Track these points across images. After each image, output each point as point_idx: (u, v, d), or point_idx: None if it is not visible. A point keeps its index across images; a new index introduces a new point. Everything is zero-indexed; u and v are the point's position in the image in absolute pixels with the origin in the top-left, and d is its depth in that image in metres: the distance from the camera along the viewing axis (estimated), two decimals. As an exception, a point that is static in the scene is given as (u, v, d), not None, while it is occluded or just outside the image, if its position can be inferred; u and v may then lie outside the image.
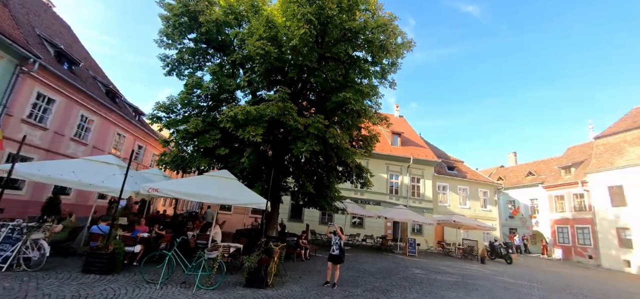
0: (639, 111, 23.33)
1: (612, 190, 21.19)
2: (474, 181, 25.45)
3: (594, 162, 23.11)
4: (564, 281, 13.44)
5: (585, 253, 22.65)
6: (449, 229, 23.00)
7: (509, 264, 18.01)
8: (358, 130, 10.20)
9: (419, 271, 12.08)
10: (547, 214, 26.62)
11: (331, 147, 8.98)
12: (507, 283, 11.32)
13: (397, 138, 25.53)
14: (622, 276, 17.59)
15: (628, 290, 12.62)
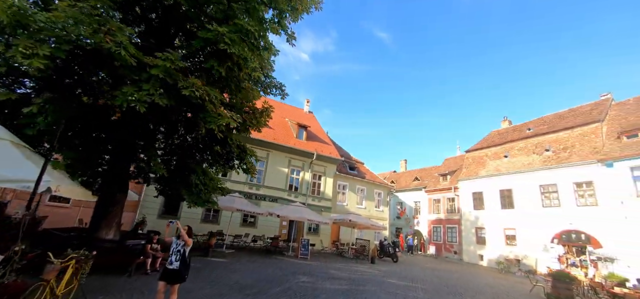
0: (496, 133, 28.80)
1: (475, 195, 24.97)
2: (371, 182, 26.17)
3: (464, 171, 26.93)
4: (441, 279, 13.99)
5: (452, 249, 26.10)
6: (344, 229, 22.67)
7: (395, 262, 18.47)
8: (238, 92, 7.45)
9: (306, 278, 10.21)
10: (426, 215, 29.97)
11: (191, 105, 6.04)
12: (394, 286, 10.63)
13: (303, 132, 23.96)
14: (477, 268, 20.46)
15: (490, 284, 13.94)
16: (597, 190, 17.38)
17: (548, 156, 20.78)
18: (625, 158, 16.19)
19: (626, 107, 19.79)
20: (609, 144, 17.76)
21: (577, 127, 20.24)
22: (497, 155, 24.92)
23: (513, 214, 21.65)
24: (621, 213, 16.04)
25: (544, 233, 19.38)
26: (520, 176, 21.71)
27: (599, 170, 17.44)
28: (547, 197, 19.91)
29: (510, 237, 21.51)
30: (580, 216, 17.88)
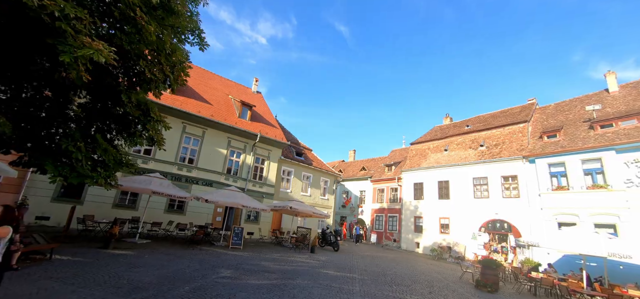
0: (439, 128, 30.22)
1: (416, 186, 25.81)
2: (318, 170, 25.31)
3: (407, 162, 27.66)
4: (380, 267, 13.64)
5: (392, 237, 26.81)
6: (287, 217, 21.48)
7: (336, 251, 17.91)
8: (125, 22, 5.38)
9: (228, 273, 8.70)
10: (370, 204, 30.40)
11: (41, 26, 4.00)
12: (330, 278, 9.72)
13: (247, 111, 21.85)
14: (414, 255, 21.10)
15: (425, 271, 14.01)
16: (520, 183, 18.93)
17: (482, 151, 22.15)
18: (545, 155, 17.77)
19: (547, 111, 21.94)
20: (533, 142, 19.41)
21: (508, 126, 21.87)
22: (438, 148, 25.99)
23: (449, 204, 22.77)
24: (538, 204, 17.63)
25: (474, 222, 20.69)
26: (457, 169, 22.86)
27: (523, 165, 18.98)
28: (479, 189, 21.25)
29: (445, 226, 22.65)
30: (505, 207, 19.36)
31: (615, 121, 16.27)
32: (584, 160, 16.27)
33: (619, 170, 15.09)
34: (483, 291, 10.92)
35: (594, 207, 15.44)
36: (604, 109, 17.90)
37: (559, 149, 17.28)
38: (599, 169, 15.77)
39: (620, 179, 14.96)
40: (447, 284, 11.54)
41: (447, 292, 10.00)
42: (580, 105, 19.86)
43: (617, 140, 15.30)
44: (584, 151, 16.27)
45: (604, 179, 15.45)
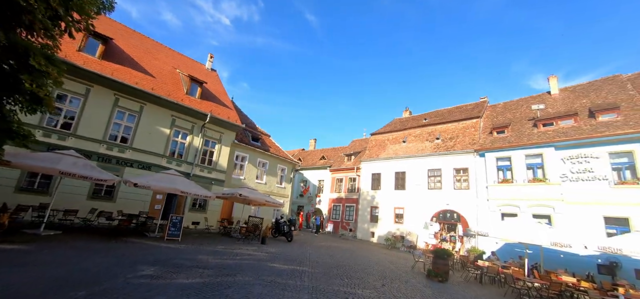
0: (398, 120, 30.64)
1: (374, 176, 25.85)
2: (275, 157, 23.97)
3: (367, 152, 27.57)
4: (333, 258, 12.98)
5: (348, 227, 26.70)
6: (239, 206, 19.89)
7: (290, 241, 16.99)
8: None
9: (152, 270, 7.22)
10: (328, 193, 29.97)
11: None
12: (277, 272, 8.70)
13: (197, 88, 19.61)
14: (369, 245, 21.07)
15: (379, 261, 13.68)
16: (471, 176, 19.69)
17: (437, 143, 22.70)
18: (494, 150, 18.61)
19: (497, 109, 23.13)
20: (484, 137, 20.25)
21: (462, 121, 22.64)
22: (396, 140, 26.22)
23: (404, 195, 23.10)
24: (485, 196, 18.47)
25: (427, 212, 21.22)
26: (413, 161, 23.21)
27: (474, 159, 19.73)
28: (433, 180, 21.79)
29: (399, 216, 22.98)
30: (456, 198, 20.05)
31: (555, 120, 17.47)
32: (527, 155, 17.28)
33: (556, 165, 16.23)
34: (434, 281, 10.80)
35: (533, 199, 16.48)
36: (546, 109, 19.22)
37: (506, 144, 18.17)
38: (539, 163, 16.83)
39: (557, 174, 16.10)
40: (400, 274, 11.25)
41: (399, 283, 9.61)
42: (526, 104, 21.19)
43: (556, 138, 16.41)
44: (527, 146, 17.27)
45: (543, 173, 16.53)
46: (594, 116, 16.20)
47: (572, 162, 15.78)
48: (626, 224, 13.86)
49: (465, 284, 11.09)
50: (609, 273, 13.75)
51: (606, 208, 14.50)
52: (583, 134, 15.56)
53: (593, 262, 14.20)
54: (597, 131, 15.28)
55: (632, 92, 16.37)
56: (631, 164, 14.25)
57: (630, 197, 13.90)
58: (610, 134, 14.66)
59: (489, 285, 11.60)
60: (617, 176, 14.62)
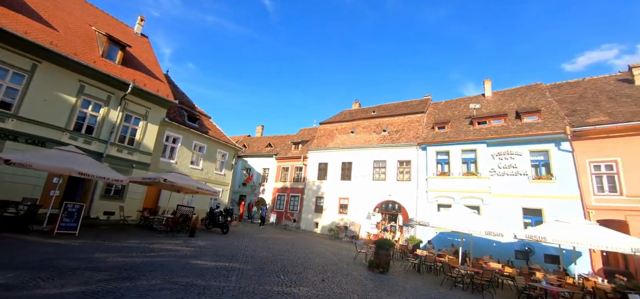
0: (348, 111, 30.53)
1: (320, 166, 25.26)
2: (215, 140, 21.66)
3: (315, 141, 26.81)
4: (272, 251, 11.84)
5: (292, 217, 25.79)
6: (168, 194, 17.35)
7: (225, 233, 15.35)
8: None
9: (11, 276, 5.19)
10: (273, 183, 28.59)
11: None
12: (197, 271, 7.23)
13: (117, 51, 16.34)
14: (312, 236, 20.44)
15: (321, 253, 12.96)
16: (413, 168, 20.29)
17: (384, 136, 22.98)
18: (435, 144, 19.40)
19: (439, 106, 24.33)
20: (426, 132, 21.03)
21: (408, 115, 23.26)
22: (345, 130, 25.98)
23: (349, 185, 22.98)
24: (424, 188, 19.19)
25: (371, 202, 21.39)
26: (360, 152, 23.18)
27: (416, 152, 20.36)
28: (378, 171, 22.02)
29: (344, 206, 22.83)
30: (398, 190, 20.52)
31: (488, 119, 18.83)
32: (463, 150, 18.33)
33: (487, 161, 17.48)
34: (375, 272, 10.44)
35: (465, 191, 17.55)
36: (481, 109, 20.69)
37: (445, 139, 19.05)
38: (473, 158, 17.98)
39: (487, 168, 17.35)
40: (342, 267, 10.65)
41: (340, 277, 8.92)
42: (464, 104, 22.63)
43: (488, 135, 17.65)
44: (464, 142, 18.31)
45: (476, 167, 17.69)
46: (520, 117, 17.82)
47: (500, 158, 17.15)
48: (540, 214, 15.50)
49: (405, 274, 10.99)
50: (524, 257, 15.25)
51: (524, 200, 16.05)
52: (511, 133, 16.98)
53: (512, 249, 15.63)
54: (522, 130, 16.80)
55: (550, 99, 18.40)
56: (546, 161, 15.95)
57: (544, 191, 15.55)
58: (532, 134, 16.21)
59: (427, 274, 11.73)
60: (534, 172, 16.26)
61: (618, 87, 17.58)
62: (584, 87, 19.24)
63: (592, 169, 14.76)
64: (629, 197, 13.74)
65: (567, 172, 15.21)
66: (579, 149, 15.15)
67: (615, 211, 13.73)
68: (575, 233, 9.50)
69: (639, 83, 17.00)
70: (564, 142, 15.53)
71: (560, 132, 15.39)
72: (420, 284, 9.80)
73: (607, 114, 15.41)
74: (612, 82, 18.51)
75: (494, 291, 9.75)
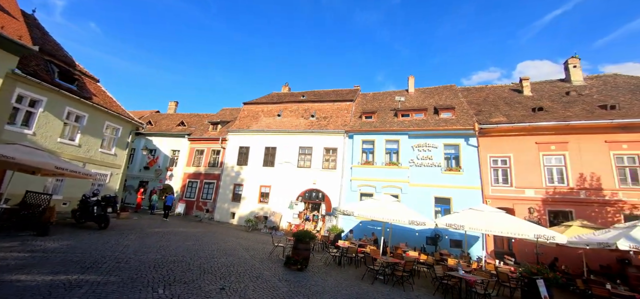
0: (276, 94, 28.46)
1: (242, 150, 22.64)
2: (102, 110, 16.84)
3: (237, 123, 23.93)
4: (167, 251, 9.20)
5: (205, 207, 22.55)
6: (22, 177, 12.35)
7: (103, 229, 11.73)
8: None
9: None
10: (184, 167, 24.56)
11: None
12: (13, 293, 4.41)
13: None
14: (227, 228, 17.94)
15: (229, 250, 10.84)
16: (338, 156, 19.70)
17: (312, 121, 21.81)
18: (362, 132, 19.16)
19: (367, 97, 24.47)
20: (354, 120, 20.69)
21: (337, 102, 22.61)
22: (271, 113, 23.90)
23: (272, 172, 21.15)
24: (349, 176, 18.79)
25: (294, 191, 20.04)
26: (286, 137, 21.53)
27: (343, 140, 19.81)
28: (303, 158, 20.77)
29: (265, 194, 20.92)
30: (323, 178, 19.69)
31: (410, 112, 19.47)
32: (388, 140, 18.51)
33: (407, 151, 17.99)
34: (292, 270, 8.98)
35: (387, 181, 17.74)
36: (405, 103, 21.41)
37: (372, 129, 18.96)
38: (395, 149, 18.30)
39: (407, 159, 17.86)
40: (253, 266, 8.84)
41: (248, 281, 7.11)
42: (390, 97, 23.22)
43: (410, 127, 18.19)
44: (389, 132, 18.49)
45: (398, 158, 18.04)
46: (438, 113, 18.88)
47: (419, 150, 17.83)
48: (448, 203, 16.60)
49: (325, 269, 9.86)
50: (433, 243, 16.12)
51: (437, 190, 17.00)
52: (430, 126, 17.78)
53: (424, 235, 16.38)
54: (439, 125, 17.75)
55: (462, 99, 20.07)
56: (457, 155, 17.19)
57: (453, 181, 16.71)
58: (448, 128, 17.24)
59: (348, 267, 10.88)
60: (447, 164, 17.37)
61: (512, 95, 20.25)
62: (487, 92, 21.70)
63: (492, 163, 16.45)
64: (517, 188, 15.71)
65: (472, 165, 16.62)
66: (483, 145, 16.70)
67: (506, 200, 15.50)
68: (488, 220, 9.86)
69: (527, 93, 19.87)
70: (471, 138, 16.92)
71: (470, 129, 16.69)
72: (341, 280, 8.75)
73: (505, 115, 17.41)
74: (507, 90, 21.29)
75: (413, 281, 9.42)
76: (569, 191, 14.81)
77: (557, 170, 15.35)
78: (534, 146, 15.85)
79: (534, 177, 15.50)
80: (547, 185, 15.25)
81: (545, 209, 14.99)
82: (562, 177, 15.17)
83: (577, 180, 14.81)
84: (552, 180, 15.31)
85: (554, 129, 15.57)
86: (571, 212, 14.52)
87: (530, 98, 19.17)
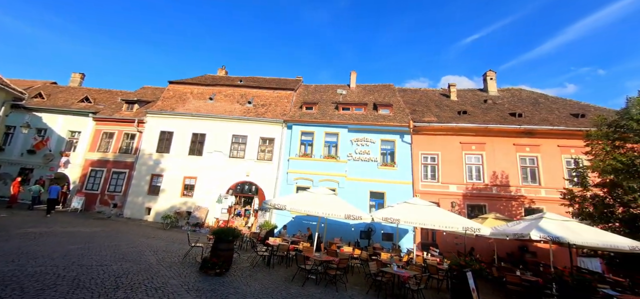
0: (209, 76, 25.62)
1: (163, 135, 19.50)
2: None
3: (159, 103, 20.60)
4: (24, 259, 6.72)
5: (112, 202, 18.78)
6: None
7: None
8: None
9: None
10: (85, 153, 20.09)
11: None
12: None
13: None
14: (138, 226, 15.07)
15: (134, 256, 8.67)
16: (275, 147, 18.42)
17: (249, 108, 20.02)
18: (302, 123, 18.27)
19: (309, 89, 23.70)
20: (294, 110, 19.64)
21: (277, 89, 21.23)
22: (202, 95, 21.24)
23: (199, 162, 18.73)
24: (285, 169, 17.71)
25: (224, 183, 18.07)
26: (218, 123, 19.30)
27: (281, 130, 18.60)
28: (237, 148, 18.89)
29: (190, 187, 18.39)
30: (257, 169, 18.18)
31: (351, 106, 19.31)
32: (327, 133, 17.98)
33: (346, 145, 17.73)
34: (210, 275, 7.48)
35: (325, 174, 17.20)
36: (346, 97, 21.21)
37: (312, 120, 18.19)
38: (335, 142, 17.88)
39: (345, 153, 17.59)
40: (158, 272, 7.08)
41: (141, 294, 5.45)
42: (332, 90, 22.86)
43: (350, 121, 17.97)
44: (329, 125, 17.96)
45: (336, 151, 17.64)
46: (377, 109, 19.10)
47: (358, 144, 17.73)
48: (382, 197, 16.86)
49: (251, 272, 8.58)
50: (366, 237, 16.14)
51: (372, 184, 17.12)
52: (369, 121, 17.82)
53: (358, 229, 16.31)
54: (377, 120, 17.92)
55: (399, 98, 20.77)
56: (392, 150, 17.60)
57: (387, 176, 17.02)
58: (385, 124, 17.50)
59: (278, 267, 9.78)
60: (382, 159, 17.63)
61: (441, 99, 21.77)
62: (420, 95, 22.96)
63: (423, 160, 17.25)
64: (442, 184, 16.75)
65: (405, 161, 17.17)
66: (415, 142, 17.40)
67: (433, 195, 16.37)
68: (421, 213, 9.88)
69: (453, 98, 21.59)
70: (406, 135, 17.48)
71: (405, 126, 17.20)
72: (268, 283, 7.62)
73: (436, 116, 18.48)
74: (437, 95, 22.86)
75: (346, 280, 8.82)
76: (484, 187, 16.38)
77: (475, 168, 16.85)
78: (458, 146, 17.14)
79: (457, 174, 16.75)
80: (467, 181, 16.63)
81: (465, 203, 16.30)
82: (479, 174, 16.71)
83: (490, 177, 16.46)
84: (471, 177, 16.75)
85: (475, 130, 17.07)
86: (485, 206, 16.07)
87: (456, 103, 20.85)
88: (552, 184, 15.74)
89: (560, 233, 7.91)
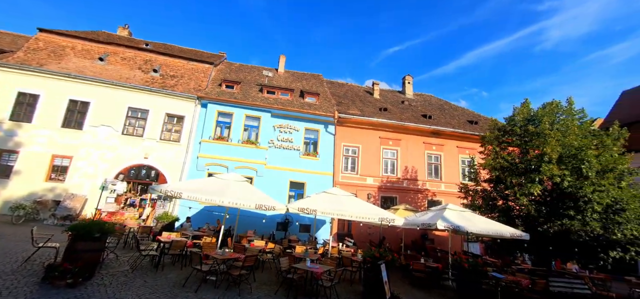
0: (104, 32, 20.53)
1: (23, 98, 14.58)
2: None
3: (20, 55, 15.36)
4: None
5: None
6: None
7: None
8: None
9: None
10: None
11: None
12: None
13: None
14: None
15: None
16: (185, 127, 15.88)
17: (153, 77, 16.71)
18: (219, 103, 16.13)
19: (233, 67, 21.34)
20: (211, 87, 17.27)
21: (193, 61, 18.39)
22: (89, 53, 16.81)
23: (78, 136, 14.72)
24: (196, 152, 15.45)
25: (113, 166, 14.65)
26: (110, 90, 15.51)
27: (194, 107, 16.12)
28: (134, 123, 15.56)
29: (61, 169, 14.29)
30: (159, 151, 15.36)
31: (277, 90, 18.04)
32: (248, 116, 16.36)
33: (268, 131, 16.48)
34: (59, 287, 5.40)
35: (242, 161, 15.63)
36: (272, 80, 19.80)
37: (232, 100, 16.25)
38: (256, 126, 16.41)
39: (267, 139, 16.34)
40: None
41: None
42: (258, 72, 21.12)
43: (275, 105, 16.72)
44: (251, 107, 16.35)
45: (257, 136, 16.23)
46: (303, 96, 18.35)
47: (281, 131, 16.67)
48: (302, 187, 16.30)
49: (128, 277, 6.70)
50: (283, 228, 15.34)
51: (293, 174, 16.37)
52: (294, 108, 16.90)
53: (275, 221, 15.38)
54: (303, 108, 17.15)
55: (327, 89, 20.50)
56: (315, 140, 17.18)
57: (309, 166, 16.53)
58: (311, 112, 16.86)
59: (170, 268, 8.02)
60: (305, 148, 17.04)
61: (365, 95, 22.45)
62: (346, 88, 23.25)
63: (344, 152, 17.33)
64: (360, 176, 17.16)
65: (328, 151, 16.96)
66: (339, 134, 17.35)
67: (352, 186, 16.57)
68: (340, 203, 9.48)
69: (376, 96, 22.52)
70: (330, 125, 17.26)
71: (330, 116, 16.93)
72: (148, 291, 5.97)
73: (359, 110, 18.82)
74: (362, 91, 23.54)
75: (254, 279, 7.74)
76: (397, 180, 17.46)
77: (391, 162, 17.82)
78: (378, 140, 17.83)
79: (375, 167, 17.41)
80: (383, 174, 17.45)
81: (379, 195, 17.07)
82: (394, 168, 17.73)
83: (403, 171, 17.64)
84: (387, 170, 17.64)
85: (393, 127, 18.02)
86: (396, 197, 17.14)
87: (378, 100, 21.79)
88: (451, 179, 17.84)
89: (459, 222, 8.56)
